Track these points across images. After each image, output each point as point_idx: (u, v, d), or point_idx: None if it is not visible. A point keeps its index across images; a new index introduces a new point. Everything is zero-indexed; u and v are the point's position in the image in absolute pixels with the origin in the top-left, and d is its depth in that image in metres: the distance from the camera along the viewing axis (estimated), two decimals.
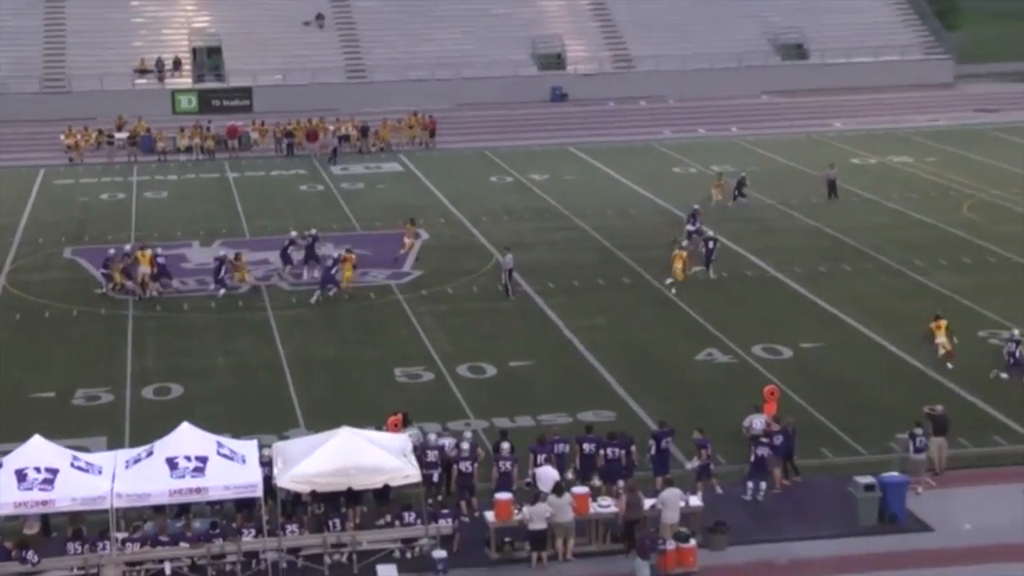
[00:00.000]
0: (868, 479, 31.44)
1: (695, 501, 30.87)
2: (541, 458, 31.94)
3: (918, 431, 32.99)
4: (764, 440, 32.84)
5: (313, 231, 53.44)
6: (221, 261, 50.18)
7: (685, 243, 53.01)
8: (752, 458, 32.74)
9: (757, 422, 33.77)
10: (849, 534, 30.77)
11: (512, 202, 65.16)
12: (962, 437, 35.19)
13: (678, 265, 49.81)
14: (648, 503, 30.38)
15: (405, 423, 33.77)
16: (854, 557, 29.93)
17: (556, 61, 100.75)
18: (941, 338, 42.02)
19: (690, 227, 55.23)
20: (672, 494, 30.32)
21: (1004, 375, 39.67)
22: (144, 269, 49.58)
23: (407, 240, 55.07)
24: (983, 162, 72.33)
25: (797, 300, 48.73)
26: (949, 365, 41.09)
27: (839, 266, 52.71)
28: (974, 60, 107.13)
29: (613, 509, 30.42)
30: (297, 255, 52.44)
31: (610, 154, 77.16)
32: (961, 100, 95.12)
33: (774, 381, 38.43)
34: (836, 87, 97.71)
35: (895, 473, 31.93)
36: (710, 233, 53.23)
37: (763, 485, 32.39)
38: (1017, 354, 39.49)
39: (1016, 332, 40.39)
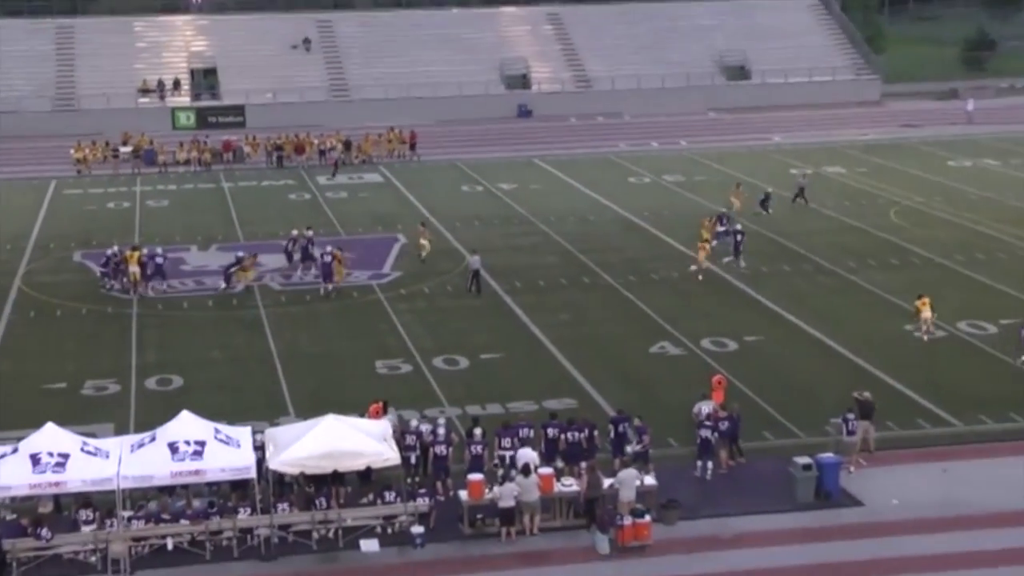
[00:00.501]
0: (805, 459, 31.51)
1: (650, 480, 30.91)
2: (506, 441, 32.02)
3: (850, 416, 33.10)
4: (707, 424, 32.90)
5: (309, 232, 53.37)
6: (239, 260, 50.41)
7: (715, 243, 53.34)
8: (698, 440, 32.84)
9: (705, 408, 33.81)
10: (788, 510, 30.85)
11: (483, 209, 65.09)
12: (890, 421, 35.31)
13: (702, 255, 51.09)
14: (607, 482, 30.43)
15: (385, 410, 33.74)
16: (792, 530, 30.01)
17: (522, 81, 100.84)
18: (927, 313, 43.21)
19: (720, 228, 55.46)
20: (628, 474, 30.35)
21: None
22: (133, 268, 49.33)
23: (423, 242, 54.75)
24: (908, 172, 72.57)
25: (741, 298, 48.78)
26: (925, 338, 42.61)
27: (779, 267, 52.80)
28: (899, 80, 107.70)
29: (575, 488, 30.45)
30: (295, 255, 52.45)
31: (571, 165, 77.14)
32: (888, 116, 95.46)
33: (721, 371, 38.45)
34: (775, 105, 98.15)
35: (830, 454, 32.02)
36: (738, 227, 53.88)
37: (710, 465, 32.47)
38: None
39: None
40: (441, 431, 32.34)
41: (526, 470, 30.08)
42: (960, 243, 55.78)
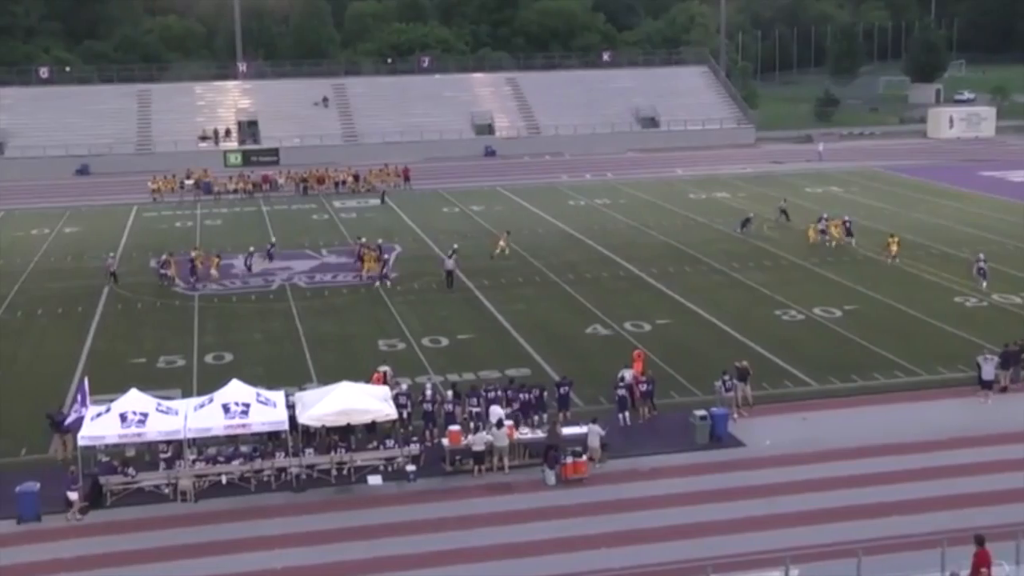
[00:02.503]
0: (701, 412, 31.54)
1: (586, 429, 30.80)
2: (473, 401, 31.84)
3: (726, 377, 33.15)
4: (623, 385, 32.90)
5: (363, 239, 54.74)
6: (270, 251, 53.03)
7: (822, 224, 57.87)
8: (616, 398, 32.86)
9: (627, 375, 33.76)
10: (689, 450, 30.83)
11: (459, 226, 64.83)
12: (763, 382, 35.32)
13: (811, 233, 57.08)
14: (574, 430, 30.37)
15: (385, 379, 33.59)
16: (693, 465, 30.01)
17: (488, 128, 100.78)
18: (895, 248, 52.02)
19: (821, 226, 58.17)
20: (593, 428, 30.20)
21: None
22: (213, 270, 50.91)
23: (501, 243, 55.79)
24: (776, 196, 72.70)
25: (654, 291, 48.77)
26: (889, 261, 50.79)
27: (682, 268, 52.79)
28: (768, 128, 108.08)
29: (530, 436, 30.31)
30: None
31: (525, 192, 76.97)
32: (761, 155, 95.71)
33: (639, 347, 38.42)
34: (677, 146, 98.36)
35: (720, 407, 32.05)
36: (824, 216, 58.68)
37: (627, 415, 32.41)
38: None
39: None
40: (428, 393, 32.22)
41: (499, 423, 29.98)
42: (815, 250, 55.88)
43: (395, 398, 31.35)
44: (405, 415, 31.63)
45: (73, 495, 27.36)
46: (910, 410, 33.56)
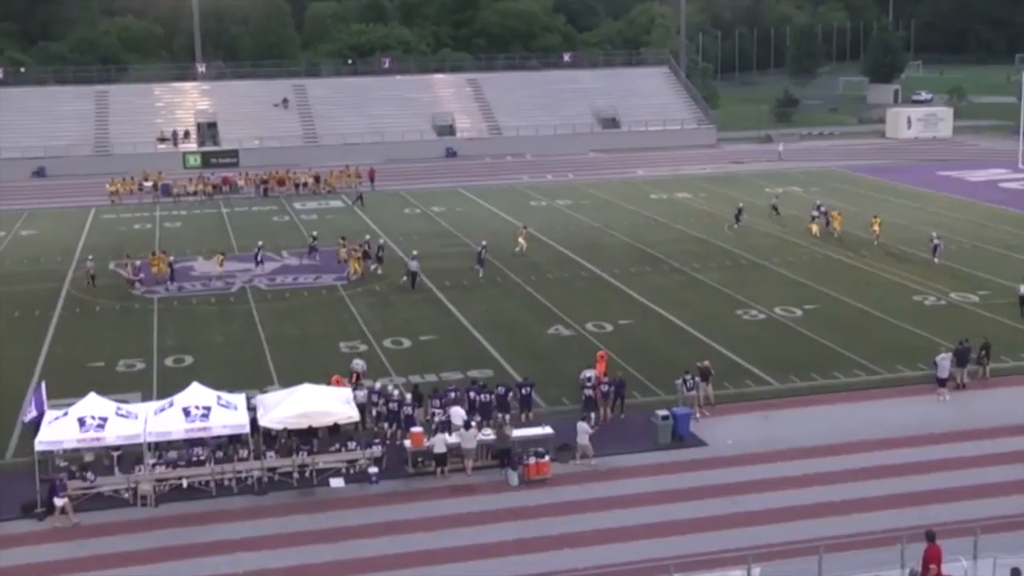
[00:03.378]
0: (664, 411, 31.65)
1: (548, 429, 30.83)
2: (435, 403, 31.72)
3: (687, 376, 33.27)
4: (588, 385, 32.92)
5: (367, 238, 55.53)
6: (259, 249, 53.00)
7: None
8: (582, 398, 32.88)
9: (589, 374, 33.80)
10: (652, 450, 30.92)
11: (420, 227, 64.75)
12: (725, 382, 35.52)
13: (815, 228, 58.78)
14: (534, 431, 30.37)
15: (358, 381, 33.55)
16: (655, 464, 30.11)
17: (449, 130, 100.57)
18: (876, 228, 55.82)
19: (815, 212, 60.90)
20: (581, 427, 30.21)
21: None
22: (163, 268, 50.51)
23: (521, 240, 56.01)
24: (737, 197, 73.15)
25: (616, 291, 48.91)
26: (876, 242, 54.80)
27: (644, 268, 52.96)
28: (729, 129, 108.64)
29: (492, 437, 30.33)
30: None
31: (487, 193, 76.98)
32: (721, 156, 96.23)
33: (602, 347, 38.52)
34: (638, 147, 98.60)
35: (683, 407, 32.18)
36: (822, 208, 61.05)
37: (593, 416, 32.39)
38: None
39: None
40: (396, 394, 32.19)
41: (467, 424, 29.96)
42: (775, 249, 56.28)
43: (368, 396, 31.39)
44: (375, 413, 31.60)
45: (60, 501, 27.02)
46: (870, 408, 33.87)
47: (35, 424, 29.52)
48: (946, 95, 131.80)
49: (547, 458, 29.29)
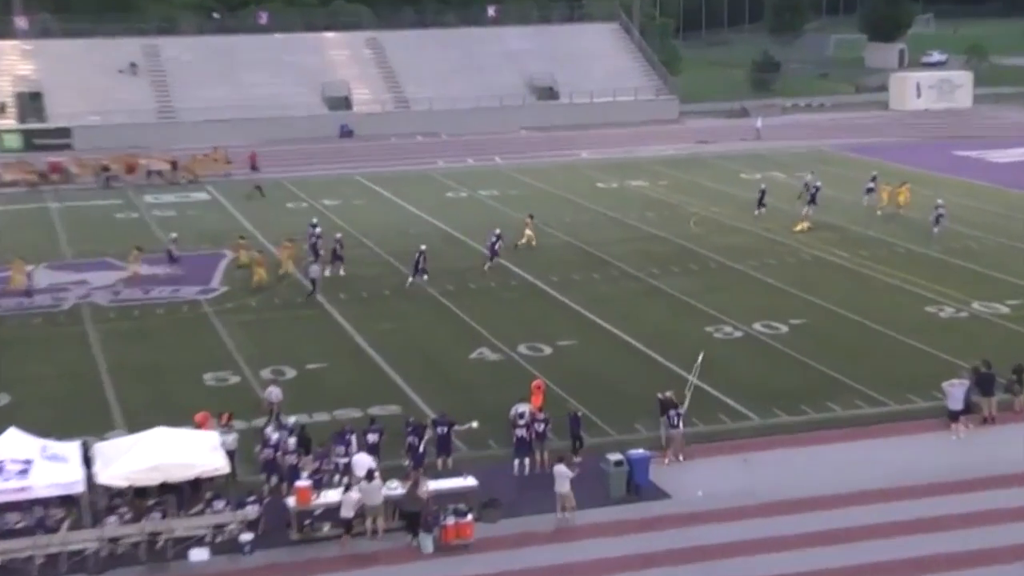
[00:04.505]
0: (617, 456, 31.50)
1: (472, 481, 30.54)
2: (339, 449, 31.55)
3: (672, 412, 33.29)
4: (521, 423, 32.75)
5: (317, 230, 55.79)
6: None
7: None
8: (514, 440, 32.67)
9: (523, 409, 33.58)
10: (602, 504, 30.72)
11: (307, 225, 64.06)
12: (694, 417, 35.42)
13: (804, 224, 60.46)
14: (452, 483, 30.20)
15: (229, 420, 33.32)
16: (606, 523, 29.92)
17: (344, 102, 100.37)
18: (903, 199, 62.25)
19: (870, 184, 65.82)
20: (559, 470, 29.92)
21: None
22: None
23: (528, 232, 57.49)
24: (704, 184, 73.71)
25: (554, 304, 48.82)
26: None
27: (589, 274, 52.99)
28: (694, 100, 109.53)
29: (400, 491, 29.95)
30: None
31: (392, 182, 76.74)
32: (685, 133, 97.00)
33: (539, 376, 38.29)
34: (582, 123, 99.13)
35: (640, 450, 32.05)
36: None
37: (527, 462, 32.23)
38: None
39: None
40: (274, 437, 31.82)
41: (370, 475, 29.58)
42: (753, 249, 56.66)
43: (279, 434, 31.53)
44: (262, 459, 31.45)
45: None
46: (874, 449, 34.02)
47: None
48: (963, 56, 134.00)
49: (469, 517, 29.00)
